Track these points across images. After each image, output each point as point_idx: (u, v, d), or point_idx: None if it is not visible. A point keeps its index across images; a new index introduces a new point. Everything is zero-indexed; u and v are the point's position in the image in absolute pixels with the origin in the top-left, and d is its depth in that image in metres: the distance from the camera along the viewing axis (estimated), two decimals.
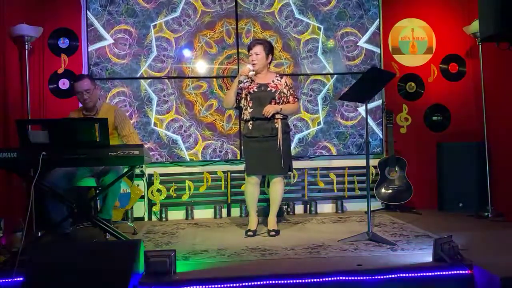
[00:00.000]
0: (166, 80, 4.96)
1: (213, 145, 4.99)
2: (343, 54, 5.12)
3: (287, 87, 3.99)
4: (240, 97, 4.00)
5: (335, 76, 5.12)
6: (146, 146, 4.72)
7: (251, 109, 3.92)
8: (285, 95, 3.95)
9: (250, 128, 3.93)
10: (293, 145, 4.98)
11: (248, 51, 4.00)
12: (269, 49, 3.98)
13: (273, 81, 3.96)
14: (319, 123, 5.12)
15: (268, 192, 4.43)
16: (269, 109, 3.84)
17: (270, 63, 4.05)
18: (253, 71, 3.91)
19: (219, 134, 5.01)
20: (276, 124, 3.90)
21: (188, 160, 4.98)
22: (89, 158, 3.15)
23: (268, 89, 3.93)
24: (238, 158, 4.99)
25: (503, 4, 3.40)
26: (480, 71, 4.73)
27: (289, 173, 4.28)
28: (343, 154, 5.13)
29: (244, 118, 3.98)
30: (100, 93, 4.16)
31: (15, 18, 4.39)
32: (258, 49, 3.92)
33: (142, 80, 4.93)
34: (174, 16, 4.97)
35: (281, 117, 3.93)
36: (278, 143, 3.88)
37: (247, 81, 3.98)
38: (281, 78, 4.02)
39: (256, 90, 3.94)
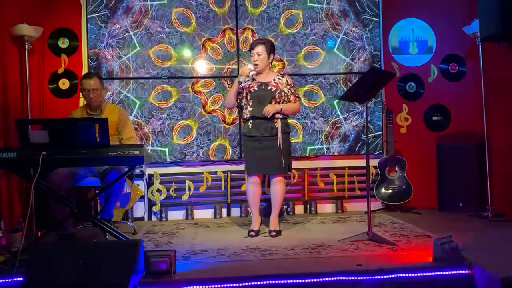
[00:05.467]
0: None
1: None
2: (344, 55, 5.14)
3: (288, 86, 3.98)
4: (241, 96, 4.00)
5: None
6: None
7: (251, 108, 3.92)
8: (286, 95, 3.95)
9: (250, 127, 3.93)
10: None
11: (250, 51, 4.00)
12: (271, 49, 3.98)
13: (274, 80, 3.96)
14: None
15: (268, 192, 4.43)
16: (269, 109, 3.84)
17: (271, 62, 4.05)
18: (255, 71, 3.91)
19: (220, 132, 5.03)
20: (275, 123, 3.89)
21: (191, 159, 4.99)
22: (89, 158, 3.15)
23: (269, 88, 3.93)
24: (239, 157, 4.99)
25: (503, 4, 3.39)
26: (480, 71, 4.73)
27: (289, 173, 4.27)
28: (343, 154, 5.13)
29: (244, 117, 3.99)
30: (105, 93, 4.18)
31: (15, 18, 4.39)
32: (260, 49, 3.92)
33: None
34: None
35: (281, 117, 3.92)
36: (278, 142, 3.88)
37: (248, 80, 3.98)
38: (282, 77, 4.01)
39: (256, 88, 3.94)
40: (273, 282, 2.76)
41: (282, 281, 2.77)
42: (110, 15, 4.90)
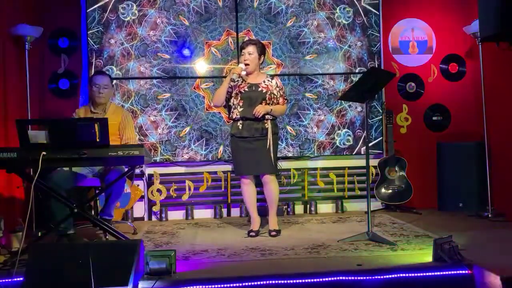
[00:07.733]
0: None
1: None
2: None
3: (277, 89, 3.98)
4: (230, 96, 3.99)
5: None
6: None
7: (241, 109, 3.91)
8: (275, 97, 3.95)
9: (240, 128, 3.92)
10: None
11: (241, 51, 4.01)
12: (262, 50, 3.98)
13: (264, 82, 3.96)
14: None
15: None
16: (259, 110, 3.84)
17: (261, 64, 4.05)
18: (245, 70, 3.91)
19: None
20: (266, 124, 3.90)
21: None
22: (89, 158, 3.15)
23: (259, 89, 3.93)
24: None
25: (503, 4, 3.39)
26: (480, 71, 4.73)
27: (280, 173, 4.26)
28: (343, 154, 5.13)
29: (233, 117, 3.97)
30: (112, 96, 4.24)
31: (15, 18, 4.39)
32: (251, 49, 3.92)
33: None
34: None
35: (271, 118, 3.93)
36: (268, 143, 3.88)
37: (238, 80, 3.98)
38: (272, 79, 4.02)
39: (247, 89, 3.94)
40: (273, 282, 2.76)
41: (282, 281, 2.77)
42: (104, 31, 4.90)
